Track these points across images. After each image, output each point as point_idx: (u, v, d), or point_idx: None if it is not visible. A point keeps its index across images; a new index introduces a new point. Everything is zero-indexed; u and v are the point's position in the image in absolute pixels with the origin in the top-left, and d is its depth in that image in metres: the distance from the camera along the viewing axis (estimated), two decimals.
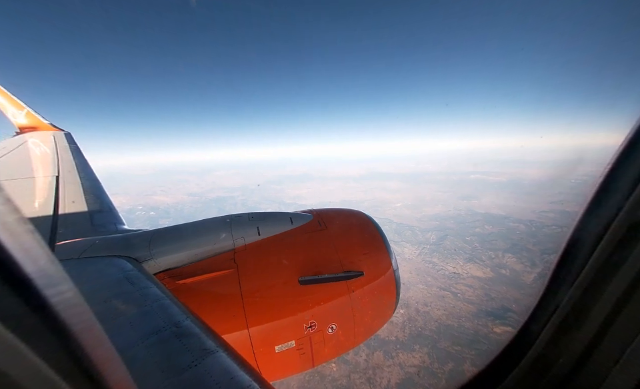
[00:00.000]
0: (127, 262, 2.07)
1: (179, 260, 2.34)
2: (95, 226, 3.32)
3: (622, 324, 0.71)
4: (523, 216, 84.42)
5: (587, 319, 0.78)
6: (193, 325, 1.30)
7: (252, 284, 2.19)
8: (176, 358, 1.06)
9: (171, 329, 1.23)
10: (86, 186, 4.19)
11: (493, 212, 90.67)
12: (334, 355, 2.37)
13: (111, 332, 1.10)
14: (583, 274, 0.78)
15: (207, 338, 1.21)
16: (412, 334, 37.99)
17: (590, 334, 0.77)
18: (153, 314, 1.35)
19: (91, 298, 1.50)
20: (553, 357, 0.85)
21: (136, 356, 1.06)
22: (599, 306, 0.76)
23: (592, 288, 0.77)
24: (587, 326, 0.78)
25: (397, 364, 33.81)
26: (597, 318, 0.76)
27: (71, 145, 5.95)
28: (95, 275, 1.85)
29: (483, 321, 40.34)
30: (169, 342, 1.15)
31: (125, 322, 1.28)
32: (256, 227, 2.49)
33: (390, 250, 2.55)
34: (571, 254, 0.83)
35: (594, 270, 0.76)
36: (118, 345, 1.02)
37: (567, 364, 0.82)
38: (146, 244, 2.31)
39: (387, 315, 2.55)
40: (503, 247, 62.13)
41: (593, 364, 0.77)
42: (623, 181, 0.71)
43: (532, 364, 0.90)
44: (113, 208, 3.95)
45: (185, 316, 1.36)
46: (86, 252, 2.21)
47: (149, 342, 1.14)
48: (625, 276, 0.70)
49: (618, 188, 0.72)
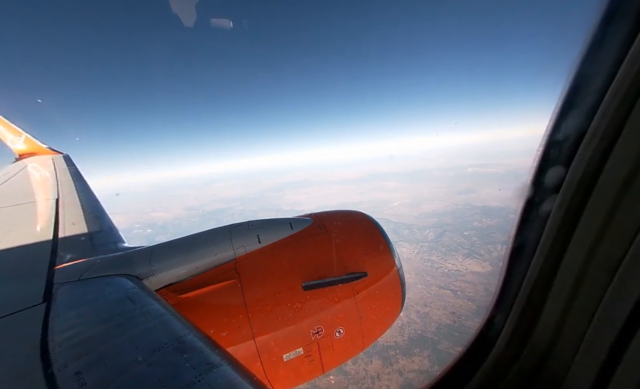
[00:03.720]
0: (127, 280, 2.05)
1: (181, 274, 2.30)
2: (95, 246, 3.31)
3: (578, 308, 0.73)
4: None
5: (543, 309, 0.80)
6: (196, 339, 1.29)
7: (255, 293, 2.17)
8: (179, 374, 1.06)
9: (174, 345, 1.22)
10: (85, 207, 4.23)
11: (490, 205, 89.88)
12: (344, 359, 2.35)
13: (112, 352, 1.19)
14: (532, 265, 0.81)
15: (210, 352, 1.20)
16: (411, 337, 36.88)
17: (550, 322, 0.79)
18: (154, 330, 1.35)
19: (91, 319, 1.50)
20: (515, 352, 0.87)
21: (139, 375, 1.06)
22: (552, 295, 0.78)
23: (542, 280, 0.79)
24: (545, 315, 0.80)
25: (396, 371, 32.67)
26: (554, 306, 0.78)
27: (69, 167, 6.08)
28: (95, 296, 1.84)
29: None
30: (171, 358, 1.15)
31: (126, 341, 1.27)
32: (256, 235, 2.46)
33: (392, 249, 2.54)
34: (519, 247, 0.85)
35: (542, 258, 0.78)
36: (120, 364, 1.10)
37: (530, 357, 0.84)
38: (146, 260, 2.28)
39: (393, 314, 2.53)
40: (501, 240, 61.02)
41: (556, 350, 0.78)
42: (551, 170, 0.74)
43: (495, 362, 0.92)
44: (113, 227, 3.92)
45: (187, 331, 1.35)
46: (86, 273, 2.18)
47: (151, 359, 1.14)
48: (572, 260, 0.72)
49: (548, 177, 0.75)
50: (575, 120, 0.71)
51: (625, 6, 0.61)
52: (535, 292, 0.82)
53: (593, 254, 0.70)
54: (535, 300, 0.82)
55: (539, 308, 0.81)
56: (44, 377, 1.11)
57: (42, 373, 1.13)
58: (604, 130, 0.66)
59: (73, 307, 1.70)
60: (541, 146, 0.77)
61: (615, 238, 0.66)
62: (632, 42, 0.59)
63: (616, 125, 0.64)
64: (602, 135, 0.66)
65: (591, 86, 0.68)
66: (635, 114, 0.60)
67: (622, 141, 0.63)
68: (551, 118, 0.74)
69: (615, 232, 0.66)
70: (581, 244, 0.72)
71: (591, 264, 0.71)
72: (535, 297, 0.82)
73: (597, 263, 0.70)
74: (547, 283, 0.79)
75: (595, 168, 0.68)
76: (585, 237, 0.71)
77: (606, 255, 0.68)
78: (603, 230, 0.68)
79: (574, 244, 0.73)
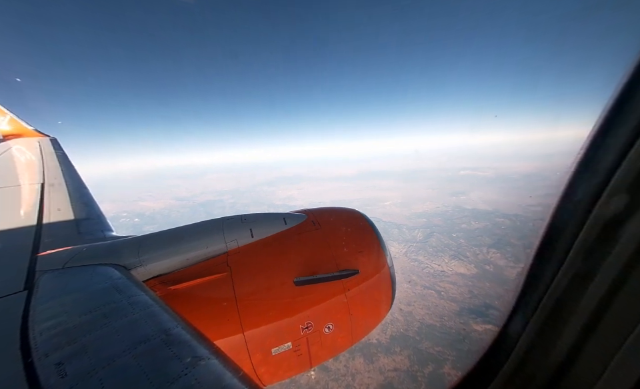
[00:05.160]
0: (114, 269, 2.00)
1: (170, 266, 2.26)
2: (82, 234, 3.22)
3: (609, 323, 0.67)
4: (510, 210, 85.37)
5: (569, 320, 0.74)
6: (184, 332, 1.28)
7: (246, 287, 2.16)
8: (165, 367, 1.05)
9: (161, 337, 1.21)
10: (72, 193, 4.09)
11: (480, 208, 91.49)
12: (331, 354, 2.37)
13: (96, 343, 1.17)
14: (562, 271, 0.75)
15: (198, 345, 1.19)
16: (394, 335, 37.23)
17: (574, 336, 0.73)
18: (141, 322, 1.33)
19: (74, 309, 1.46)
20: (535, 362, 0.81)
21: (123, 367, 1.05)
22: (582, 305, 0.71)
23: (572, 286, 0.73)
24: (569, 327, 0.74)
25: (377, 369, 32.95)
26: (581, 318, 0.71)
27: (57, 151, 5.76)
28: (79, 284, 1.80)
29: (465, 319, 40.02)
30: (158, 350, 1.13)
31: (111, 332, 1.25)
32: (249, 229, 2.43)
33: (385, 248, 2.56)
34: (548, 249, 0.79)
35: (574, 266, 0.72)
36: (104, 356, 1.08)
37: (550, 368, 0.77)
38: (135, 250, 2.23)
39: (383, 312, 2.56)
40: (488, 243, 62.35)
41: (578, 368, 0.72)
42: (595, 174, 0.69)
43: (513, 371, 0.86)
44: (101, 215, 3.80)
45: (175, 323, 1.34)
46: (71, 261, 2.12)
47: (136, 351, 1.11)
48: (608, 271, 0.66)
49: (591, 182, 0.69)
50: (624, 127, 0.65)
51: None
52: (561, 303, 0.75)
53: (631, 274, 0.63)
54: (559, 311, 0.76)
55: (564, 321, 0.74)
56: (23, 367, 1.08)
57: (21, 363, 1.10)
58: None
59: (56, 295, 1.64)
60: (582, 149, 0.71)
61: None
62: None
63: None
64: None
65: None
66: None
67: None
68: (596, 122, 0.68)
69: None
70: (621, 258, 0.64)
71: (626, 284, 0.64)
72: (561, 309, 0.75)
73: (633, 285, 0.63)
74: (575, 296, 0.72)
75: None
76: (626, 251, 0.64)
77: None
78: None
79: (614, 257, 0.65)
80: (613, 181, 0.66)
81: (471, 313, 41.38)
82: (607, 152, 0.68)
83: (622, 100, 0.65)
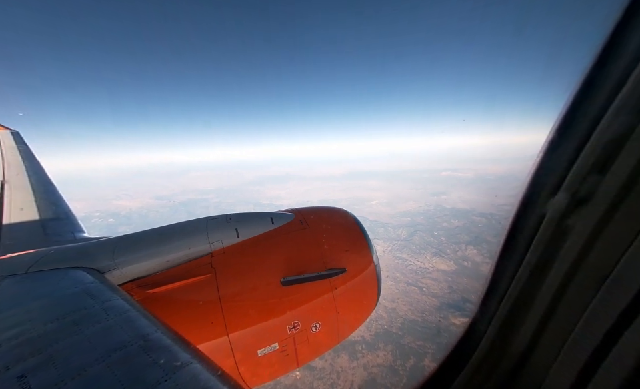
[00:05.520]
0: (86, 273, 1.89)
1: (149, 268, 2.16)
2: (49, 235, 3.01)
3: (562, 311, 0.73)
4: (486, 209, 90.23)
5: (529, 310, 0.80)
6: (164, 337, 1.23)
7: (231, 289, 2.11)
8: (143, 374, 1.00)
9: (139, 343, 1.15)
10: (37, 191, 3.82)
11: (459, 207, 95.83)
12: (318, 353, 2.36)
13: (65, 353, 1.09)
14: (522, 267, 0.81)
15: (179, 350, 1.15)
16: (378, 332, 38.12)
17: (532, 327, 0.79)
18: (116, 328, 1.26)
19: (40, 316, 1.35)
20: (499, 353, 0.86)
21: (95, 377, 0.98)
22: (539, 297, 0.77)
23: (531, 280, 0.79)
24: (527, 321, 0.80)
25: (361, 365, 33.57)
26: (539, 308, 0.77)
27: (19, 146, 5.41)
28: (46, 290, 1.68)
29: (445, 313, 41.89)
30: (135, 357, 1.08)
31: (82, 341, 1.17)
32: (234, 229, 2.38)
33: (371, 246, 2.59)
34: (510, 248, 0.85)
35: (532, 262, 0.78)
36: (74, 366, 1.01)
37: (513, 355, 0.83)
38: (109, 252, 2.12)
39: (369, 309, 2.57)
40: (466, 240, 65.61)
41: (537, 353, 0.78)
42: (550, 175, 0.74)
43: (480, 362, 0.91)
44: (70, 215, 3.60)
45: (154, 328, 1.28)
46: (36, 265, 1.98)
47: (111, 359, 1.06)
48: (560, 265, 0.72)
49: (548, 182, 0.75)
50: (577, 127, 0.70)
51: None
52: (522, 296, 0.82)
53: (582, 263, 0.70)
54: (520, 304, 0.82)
55: (524, 313, 0.81)
56: None
57: None
58: (605, 140, 0.64)
59: (18, 303, 1.54)
60: (542, 149, 0.75)
61: (605, 250, 0.65)
62: None
63: (618, 136, 0.62)
64: (603, 146, 0.65)
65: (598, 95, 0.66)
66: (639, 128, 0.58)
67: (621, 155, 0.62)
68: (553, 124, 0.73)
69: (605, 244, 0.65)
70: (571, 252, 0.71)
71: (578, 273, 0.70)
72: (521, 301, 0.82)
73: (584, 273, 0.69)
74: (533, 288, 0.79)
75: (594, 177, 0.67)
76: (576, 245, 0.70)
77: (594, 266, 0.67)
78: (593, 240, 0.67)
79: (565, 252, 0.72)
80: (566, 183, 0.71)
81: (450, 307, 43.41)
82: (559, 156, 0.73)
83: (571, 108, 0.70)
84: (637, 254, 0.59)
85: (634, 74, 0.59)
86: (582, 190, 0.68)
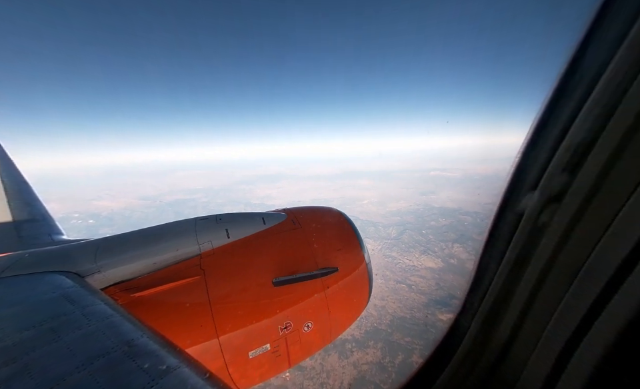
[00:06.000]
0: (64, 277, 1.81)
1: (134, 271, 2.09)
2: (23, 238, 2.87)
3: (538, 308, 0.76)
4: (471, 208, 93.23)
5: (507, 310, 0.84)
6: (150, 342, 1.19)
7: (221, 290, 2.08)
8: (128, 381, 0.97)
9: (122, 349, 1.12)
10: (10, 192, 3.63)
11: (447, 206, 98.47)
12: (311, 352, 2.37)
13: (42, 361, 1.04)
14: (502, 264, 0.85)
15: (167, 355, 1.12)
16: (367, 330, 38.53)
17: (511, 322, 0.83)
18: (99, 334, 1.22)
19: (14, 323, 1.29)
20: (481, 347, 0.90)
21: (76, 385, 0.95)
22: (518, 293, 0.81)
23: (510, 277, 0.82)
24: (507, 316, 0.84)
25: (351, 364, 33.79)
26: (515, 307, 0.82)
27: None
28: (20, 296, 1.60)
29: (432, 310, 42.93)
30: (119, 364, 1.05)
31: (61, 348, 1.12)
32: (224, 229, 2.34)
33: (363, 245, 2.60)
34: (491, 246, 0.89)
35: (511, 259, 0.82)
36: (52, 375, 0.97)
37: (493, 352, 0.87)
38: (91, 255, 2.04)
39: (360, 308, 2.57)
40: (452, 238, 67.54)
41: (516, 347, 0.81)
42: (529, 175, 0.77)
43: (464, 357, 0.94)
44: (47, 217, 3.45)
45: (140, 333, 1.24)
46: (9, 270, 1.89)
47: (93, 367, 1.02)
48: (537, 262, 0.76)
49: (525, 182, 0.78)
50: (554, 127, 0.73)
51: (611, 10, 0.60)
52: (502, 292, 0.85)
53: (556, 259, 0.73)
54: (501, 299, 0.85)
55: (504, 308, 0.84)
56: None
57: None
58: (580, 138, 0.67)
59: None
60: (520, 150, 0.79)
61: (577, 246, 0.68)
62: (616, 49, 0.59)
63: (592, 135, 0.65)
64: (577, 144, 0.68)
65: (574, 92, 0.69)
66: (611, 126, 0.61)
67: (591, 156, 0.65)
68: (531, 123, 0.76)
69: (576, 240, 0.68)
70: (546, 248, 0.74)
71: (553, 268, 0.73)
72: (501, 297, 0.85)
73: (558, 268, 0.72)
74: (513, 284, 0.82)
75: (566, 177, 0.70)
76: (550, 242, 0.73)
77: (567, 261, 0.70)
78: (566, 236, 0.70)
79: (541, 248, 0.75)
80: (541, 182, 0.74)
81: (437, 304, 44.53)
82: (535, 156, 0.76)
83: (547, 110, 0.74)
84: (605, 248, 0.62)
85: (602, 80, 0.62)
86: (555, 188, 0.71)
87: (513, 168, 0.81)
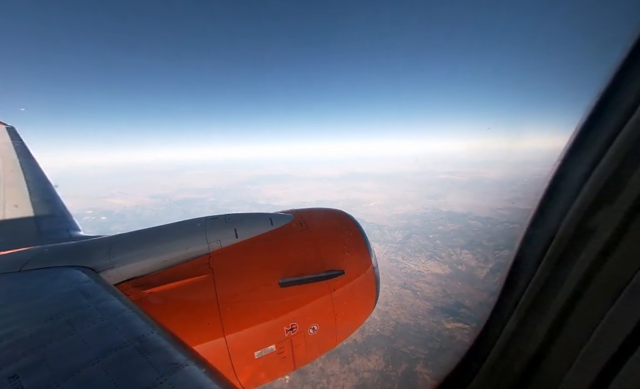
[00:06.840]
0: (81, 272, 1.89)
1: (145, 268, 2.15)
2: (43, 233, 2.97)
3: (575, 323, 0.72)
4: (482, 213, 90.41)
5: (540, 322, 0.80)
6: (160, 338, 1.22)
7: (229, 290, 2.10)
8: (139, 376, 1.00)
9: (134, 344, 1.15)
10: (32, 188, 3.79)
11: (455, 210, 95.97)
12: (316, 355, 2.37)
13: (58, 353, 1.08)
14: (535, 276, 0.81)
15: (176, 351, 1.15)
16: (370, 335, 37.74)
17: (545, 335, 0.79)
18: (112, 328, 1.26)
19: (33, 315, 1.36)
20: (511, 359, 0.86)
21: (89, 378, 0.98)
22: (553, 306, 0.77)
23: (545, 289, 0.79)
24: (540, 329, 0.80)
25: (352, 370, 33.11)
26: (550, 320, 0.77)
27: (14, 141, 5.32)
28: (39, 289, 1.67)
29: (438, 318, 41.61)
30: (131, 358, 1.08)
31: (76, 341, 1.17)
32: (233, 229, 2.37)
33: (370, 248, 2.58)
34: (525, 254, 0.85)
35: (547, 271, 0.78)
36: (67, 366, 1.01)
37: (524, 364, 0.83)
38: (105, 251, 2.11)
39: (366, 311, 2.55)
40: (461, 244, 65.62)
41: (547, 366, 0.78)
42: (570, 182, 0.74)
43: (492, 367, 0.91)
44: (66, 213, 3.55)
45: (150, 329, 1.28)
46: (30, 263, 1.98)
47: (106, 360, 1.05)
48: (574, 276, 0.72)
49: (566, 188, 0.75)
50: (600, 134, 0.69)
51: None
52: (537, 301, 0.80)
53: (598, 271, 0.68)
54: (535, 310, 0.81)
55: (538, 319, 0.80)
56: None
57: None
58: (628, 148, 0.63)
59: (11, 301, 1.54)
60: (561, 155, 0.75)
61: (623, 258, 0.64)
62: None
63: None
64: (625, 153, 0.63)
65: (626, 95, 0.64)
66: None
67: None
68: (575, 129, 0.73)
69: (624, 252, 0.64)
70: (588, 259, 0.70)
71: (594, 281, 0.69)
72: (536, 307, 0.81)
73: (601, 281, 0.68)
74: (550, 294, 0.77)
75: (614, 185, 0.65)
76: (593, 252, 0.69)
77: (611, 274, 0.66)
78: (612, 247, 0.65)
79: (583, 259, 0.71)
80: (583, 192, 0.70)
81: (443, 312, 43.20)
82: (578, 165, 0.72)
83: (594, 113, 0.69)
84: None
85: None
86: (601, 197, 0.67)
87: (551, 175, 0.77)
